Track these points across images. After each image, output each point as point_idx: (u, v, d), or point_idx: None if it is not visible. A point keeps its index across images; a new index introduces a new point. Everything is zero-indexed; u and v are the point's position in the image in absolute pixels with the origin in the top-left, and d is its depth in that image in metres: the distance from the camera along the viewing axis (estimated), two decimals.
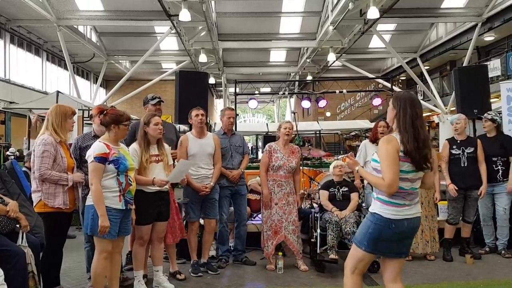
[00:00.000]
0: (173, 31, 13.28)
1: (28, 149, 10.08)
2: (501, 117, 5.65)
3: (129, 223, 3.77)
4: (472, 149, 5.33)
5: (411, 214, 2.76)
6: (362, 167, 5.36)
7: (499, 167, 5.43)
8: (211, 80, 19.98)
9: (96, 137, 4.08)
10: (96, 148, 3.56)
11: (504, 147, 5.44)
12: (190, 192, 4.87)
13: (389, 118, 2.88)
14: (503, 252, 5.39)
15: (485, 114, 5.68)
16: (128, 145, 4.17)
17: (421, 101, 16.74)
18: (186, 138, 4.93)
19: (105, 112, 3.73)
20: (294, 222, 5.01)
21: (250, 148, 19.26)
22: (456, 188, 5.28)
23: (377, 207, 2.78)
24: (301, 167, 5.75)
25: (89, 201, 3.57)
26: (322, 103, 11.30)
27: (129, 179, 3.65)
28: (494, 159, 5.44)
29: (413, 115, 2.72)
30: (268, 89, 21.07)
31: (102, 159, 3.51)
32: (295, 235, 4.99)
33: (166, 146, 4.37)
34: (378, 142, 5.36)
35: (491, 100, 7.16)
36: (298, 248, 5.00)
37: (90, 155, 3.56)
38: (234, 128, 5.53)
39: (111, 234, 3.55)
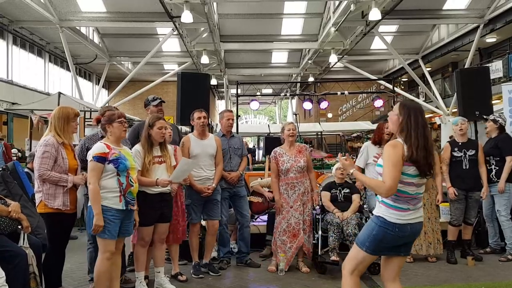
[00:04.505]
0: (175, 32, 13.30)
1: (30, 150, 10.10)
2: (504, 118, 5.64)
3: (130, 224, 3.77)
4: (473, 152, 5.32)
5: (414, 218, 2.82)
6: (363, 169, 5.38)
7: (492, 167, 5.44)
8: (213, 81, 20.00)
9: (103, 138, 4.10)
10: (96, 148, 3.60)
11: (498, 147, 5.44)
12: (192, 193, 4.87)
13: (393, 125, 2.88)
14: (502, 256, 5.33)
15: (490, 116, 5.68)
16: (131, 145, 4.18)
17: (423, 103, 16.72)
18: (188, 139, 4.94)
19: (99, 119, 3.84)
20: (306, 221, 5.02)
21: (255, 149, 19.34)
22: (456, 193, 5.27)
23: (382, 210, 2.82)
24: None
25: None
26: (324, 105, 11.28)
27: (130, 180, 3.65)
28: (487, 158, 5.45)
29: (424, 125, 2.80)
30: (269, 90, 21.03)
31: (101, 158, 3.53)
32: (306, 235, 5.00)
33: (169, 147, 4.39)
34: (382, 143, 5.38)
35: (493, 102, 7.14)
36: (310, 248, 5.01)
37: (89, 154, 3.60)
38: (235, 130, 5.53)
39: (112, 234, 3.54)
